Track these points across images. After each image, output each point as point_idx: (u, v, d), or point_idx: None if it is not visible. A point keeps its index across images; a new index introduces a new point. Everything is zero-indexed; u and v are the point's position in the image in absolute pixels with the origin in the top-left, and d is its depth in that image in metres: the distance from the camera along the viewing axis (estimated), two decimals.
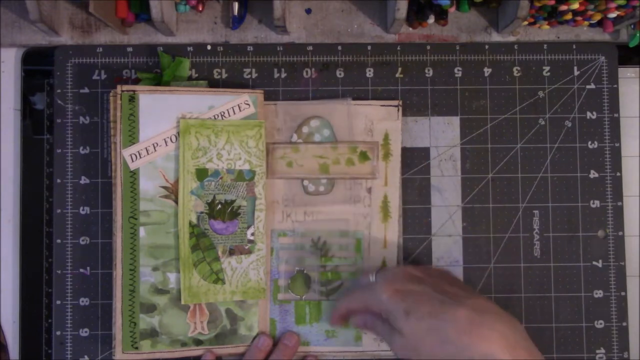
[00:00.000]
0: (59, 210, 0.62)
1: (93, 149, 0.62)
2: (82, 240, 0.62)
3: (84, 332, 0.61)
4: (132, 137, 0.59)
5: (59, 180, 0.62)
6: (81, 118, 0.62)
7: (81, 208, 0.62)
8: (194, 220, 0.59)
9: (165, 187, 0.59)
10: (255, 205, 0.60)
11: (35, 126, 0.64)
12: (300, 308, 0.61)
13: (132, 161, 0.59)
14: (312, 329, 0.61)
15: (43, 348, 0.62)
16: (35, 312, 0.62)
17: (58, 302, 0.61)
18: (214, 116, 0.60)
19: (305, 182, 0.62)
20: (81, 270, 0.61)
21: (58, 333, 0.61)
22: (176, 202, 0.59)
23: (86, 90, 0.63)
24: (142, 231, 0.59)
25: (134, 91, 0.59)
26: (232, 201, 0.60)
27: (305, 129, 0.62)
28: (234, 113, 0.60)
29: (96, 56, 0.63)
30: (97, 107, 0.62)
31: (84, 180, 0.62)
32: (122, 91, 0.59)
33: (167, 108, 0.59)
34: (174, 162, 0.59)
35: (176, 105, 0.59)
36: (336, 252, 0.62)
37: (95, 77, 0.63)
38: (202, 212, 0.59)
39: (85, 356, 0.61)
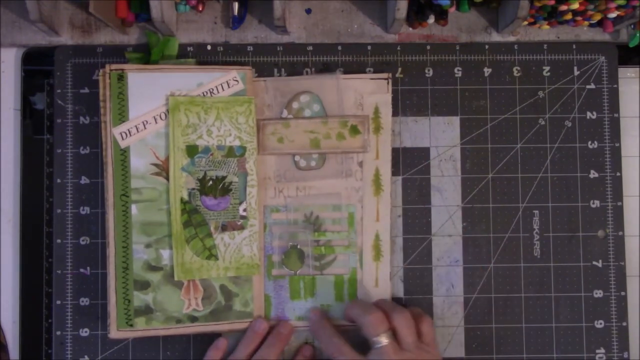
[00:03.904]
0: (59, 210, 0.62)
1: (93, 149, 0.62)
2: (82, 240, 0.62)
3: (84, 332, 0.61)
4: (121, 116, 0.59)
5: (59, 180, 0.62)
6: (81, 118, 0.62)
7: (81, 208, 0.62)
8: (186, 197, 0.59)
9: (156, 165, 0.59)
10: (246, 181, 0.60)
11: (35, 126, 0.64)
12: (295, 283, 0.62)
13: (123, 139, 0.59)
14: (307, 303, 0.61)
15: (43, 348, 0.62)
16: (35, 312, 0.62)
17: (58, 302, 0.61)
18: (203, 93, 0.60)
19: (297, 158, 0.62)
20: (81, 270, 0.61)
21: (58, 333, 0.61)
22: (167, 179, 0.59)
23: (86, 90, 0.63)
24: (134, 208, 0.59)
25: (122, 70, 0.59)
26: (224, 177, 0.60)
27: (295, 105, 0.62)
28: (223, 90, 0.60)
29: (96, 56, 0.63)
30: (97, 107, 0.62)
31: (84, 180, 0.62)
32: (111, 70, 0.59)
33: (156, 86, 0.59)
34: (164, 139, 0.59)
35: (165, 83, 0.60)
36: (329, 226, 0.62)
37: (95, 77, 0.63)
38: (193, 189, 0.59)
39: (85, 356, 0.61)
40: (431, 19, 0.62)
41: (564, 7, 0.59)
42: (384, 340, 0.55)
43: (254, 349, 0.59)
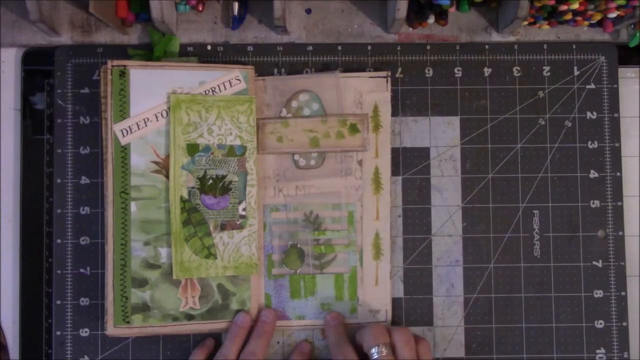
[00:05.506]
0: (59, 210, 0.62)
1: (93, 149, 0.62)
2: (82, 240, 0.62)
3: (84, 332, 0.61)
4: (122, 113, 0.59)
5: (59, 180, 0.62)
6: (81, 118, 0.62)
7: (81, 208, 0.62)
8: (185, 195, 0.59)
9: (156, 162, 0.59)
10: (246, 181, 0.60)
11: (35, 126, 0.64)
12: (295, 282, 0.62)
13: (123, 136, 0.59)
14: (308, 302, 0.62)
15: (43, 348, 0.62)
16: (35, 312, 0.62)
17: (58, 302, 0.61)
18: (205, 91, 0.60)
19: (296, 157, 0.62)
20: (81, 270, 0.61)
21: (58, 333, 0.61)
22: (167, 177, 0.59)
23: (86, 90, 0.63)
24: (133, 206, 0.59)
25: (124, 66, 0.59)
26: (224, 176, 0.60)
27: (294, 104, 0.62)
28: (225, 89, 0.60)
29: (96, 56, 0.63)
30: (97, 107, 0.62)
31: (84, 180, 0.62)
32: (113, 66, 0.59)
33: (158, 83, 0.59)
34: (165, 137, 0.60)
35: (167, 81, 0.60)
36: (329, 225, 0.62)
37: (95, 77, 0.63)
38: (193, 187, 0.59)
39: (85, 356, 0.61)
40: (431, 19, 0.62)
41: (564, 7, 0.59)
42: (382, 351, 0.55)
43: (240, 343, 0.59)
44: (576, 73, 0.64)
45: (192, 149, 0.59)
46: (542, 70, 0.64)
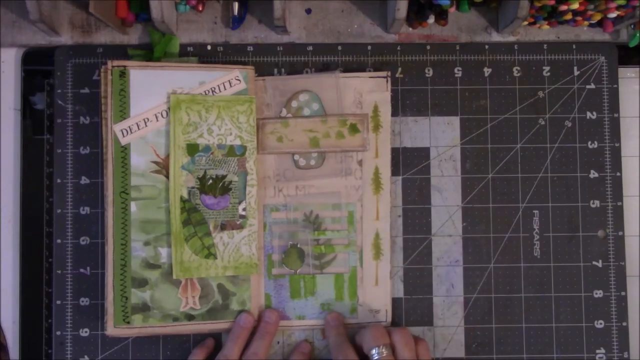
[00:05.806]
0: (59, 210, 0.62)
1: (93, 149, 0.62)
2: (82, 240, 0.62)
3: (84, 332, 0.61)
4: (123, 113, 0.59)
5: (59, 180, 0.62)
6: (81, 118, 0.62)
7: (81, 208, 0.62)
8: (185, 195, 0.59)
9: (156, 162, 0.59)
10: (246, 181, 0.60)
11: (35, 126, 0.64)
12: (295, 282, 0.62)
13: (123, 136, 0.59)
14: (307, 302, 0.62)
15: (43, 348, 0.62)
16: (35, 312, 0.62)
17: (58, 302, 0.61)
18: (205, 92, 0.60)
19: (296, 157, 0.62)
20: (81, 270, 0.61)
21: (58, 333, 0.61)
22: (167, 177, 0.59)
23: (86, 90, 0.63)
24: (133, 206, 0.59)
25: (124, 66, 0.59)
26: (224, 176, 0.60)
27: (294, 104, 0.62)
28: (225, 89, 0.60)
29: (96, 56, 0.63)
30: (97, 107, 0.62)
31: (84, 180, 0.62)
32: (113, 66, 0.59)
33: (158, 83, 0.60)
34: (165, 137, 0.60)
35: (167, 81, 0.60)
36: (329, 225, 0.62)
37: (95, 77, 0.63)
38: (193, 187, 0.59)
39: (85, 356, 0.61)
40: (431, 19, 0.62)
41: (564, 7, 0.59)
42: (382, 352, 0.56)
43: (242, 344, 0.59)
44: (576, 73, 0.64)
45: (192, 149, 0.59)
46: (542, 70, 0.64)
